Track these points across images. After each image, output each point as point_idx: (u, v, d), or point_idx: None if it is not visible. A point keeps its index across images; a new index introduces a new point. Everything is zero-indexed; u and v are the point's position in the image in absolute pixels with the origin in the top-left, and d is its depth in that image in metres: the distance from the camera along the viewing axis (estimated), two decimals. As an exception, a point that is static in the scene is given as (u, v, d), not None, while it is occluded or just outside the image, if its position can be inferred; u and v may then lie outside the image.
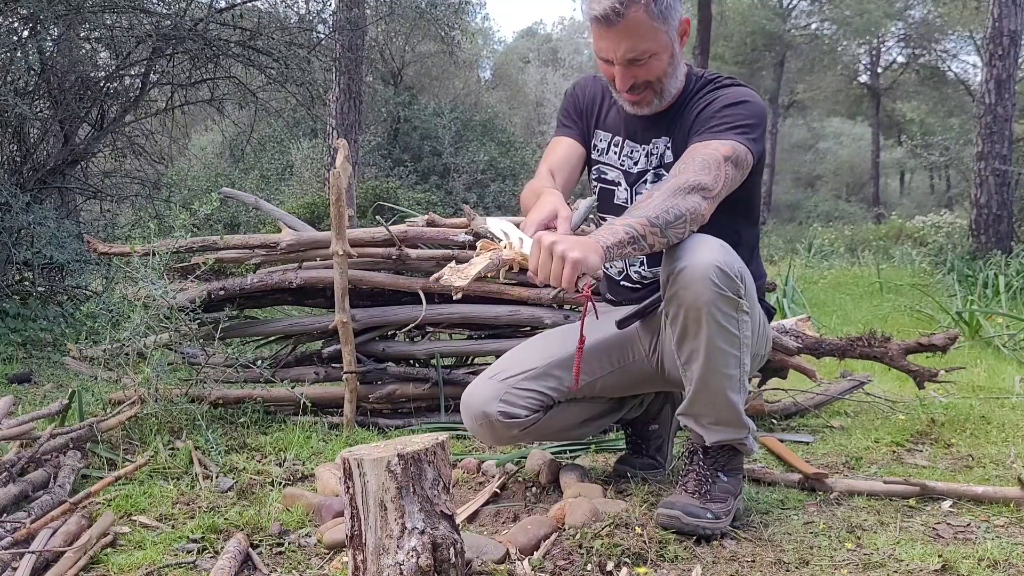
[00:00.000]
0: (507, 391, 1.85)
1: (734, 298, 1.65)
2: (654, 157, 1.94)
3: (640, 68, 1.79)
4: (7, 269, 4.61)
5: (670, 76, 1.84)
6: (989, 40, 9.82)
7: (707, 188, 1.69)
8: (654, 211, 1.63)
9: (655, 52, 1.77)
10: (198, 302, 2.71)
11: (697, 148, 1.76)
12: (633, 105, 1.87)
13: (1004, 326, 5.35)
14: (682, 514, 1.71)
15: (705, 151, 1.75)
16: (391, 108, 13.90)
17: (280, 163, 12.37)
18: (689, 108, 1.88)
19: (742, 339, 1.70)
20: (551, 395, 1.89)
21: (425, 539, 1.34)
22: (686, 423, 1.82)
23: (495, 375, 1.89)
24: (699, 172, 1.70)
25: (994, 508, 1.92)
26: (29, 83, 5.09)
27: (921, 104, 25.07)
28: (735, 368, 1.71)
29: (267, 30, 5.99)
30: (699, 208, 1.67)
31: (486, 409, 1.84)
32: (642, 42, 1.75)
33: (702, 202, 1.68)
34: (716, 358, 1.68)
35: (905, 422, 2.84)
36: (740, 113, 1.80)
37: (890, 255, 12.30)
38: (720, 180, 1.71)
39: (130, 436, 2.47)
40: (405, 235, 2.82)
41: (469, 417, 1.89)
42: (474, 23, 18.57)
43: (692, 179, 1.69)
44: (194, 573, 1.61)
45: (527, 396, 1.86)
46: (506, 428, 1.86)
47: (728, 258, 1.66)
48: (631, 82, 1.81)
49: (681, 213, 1.64)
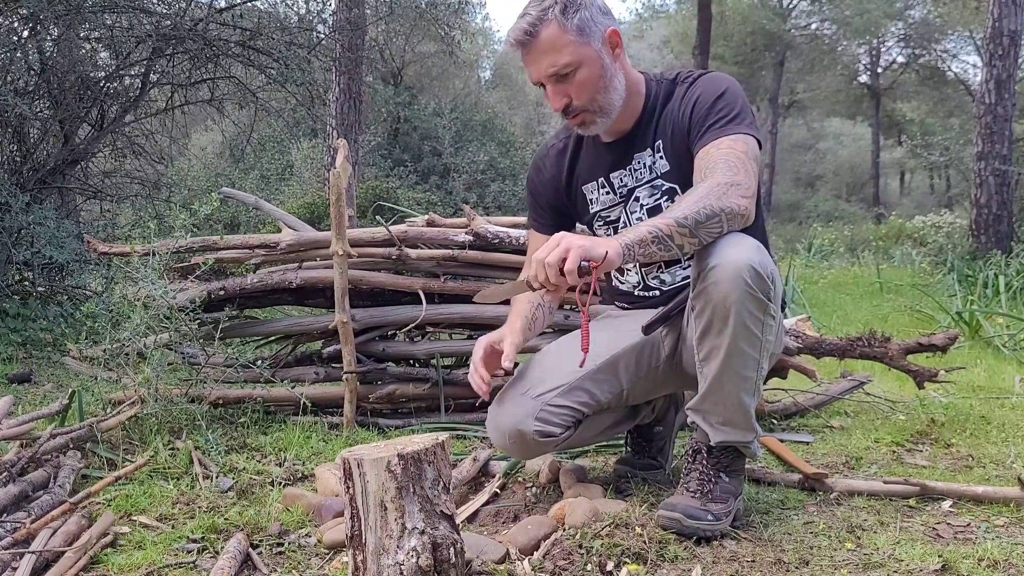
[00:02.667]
0: (542, 409, 1.83)
1: (763, 300, 1.64)
2: (643, 170, 1.91)
3: (569, 85, 1.77)
4: (7, 269, 4.60)
5: (605, 90, 1.80)
6: (989, 40, 9.82)
7: (742, 185, 1.65)
8: (682, 212, 1.59)
9: (578, 64, 1.75)
10: (198, 302, 2.71)
11: (710, 151, 1.73)
12: (580, 127, 1.85)
13: (1004, 326, 5.35)
14: (683, 516, 1.70)
15: (721, 151, 1.71)
16: (391, 108, 13.89)
17: (280, 163, 12.36)
18: (667, 114, 1.85)
19: (764, 342, 1.68)
20: (583, 410, 1.88)
21: (425, 539, 1.34)
22: (694, 419, 1.81)
23: (527, 392, 1.86)
24: (728, 171, 1.66)
25: (994, 508, 1.92)
26: (29, 83, 5.09)
27: (921, 104, 25.07)
28: (752, 371, 1.70)
29: (267, 30, 5.98)
30: (738, 206, 1.63)
31: (521, 428, 1.82)
32: (560, 56, 1.73)
33: (740, 199, 1.64)
34: (735, 359, 1.67)
35: (905, 422, 2.84)
36: (730, 103, 1.77)
37: (890, 255, 12.29)
38: (751, 175, 1.68)
39: (130, 436, 2.47)
40: (405, 235, 2.82)
41: (500, 434, 1.86)
42: (474, 23, 18.59)
43: (723, 178, 1.65)
44: (194, 573, 1.61)
45: (561, 413, 1.84)
46: (540, 446, 1.86)
47: (762, 258, 1.64)
48: (564, 102, 1.78)
49: (715, 212, 1.60)
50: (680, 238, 1.57)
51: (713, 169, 1.68)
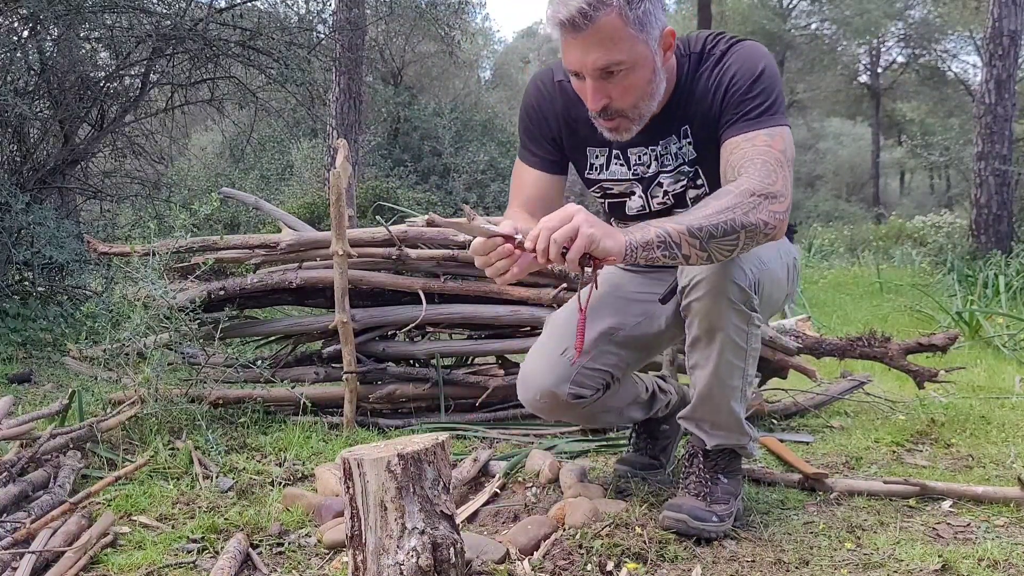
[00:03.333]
0: (578, 372, 1.81)
1: (747, 312, 1.66)
2: (668, 156, 1.76)
3: (614, 84, 1.59)
4: (7, 269, 4.60)
5: (650, 97, 1.64)
6: (989, 40, 9.83)
7: (777, 197, 1.52)
8: (698, 221, 1.47)
9: (631, 65, 1.57)
10: (198, 302, 2.71)
11: (742, 145, 1.59)
12: (611, 131, 1.68)
13: (1004, 326, 5.35)
14: (688, 517, 1.71)
15: (757, 149, 1.57)
16: (391, 108, 13.89)
17: (280, 163, 12.36)
18: (695, 95, 1.69)
19: (749, 351, 1.71)
20: (614, 372, 1.88)
21: (425, 539, 1.34)
22: (687, 426, 1.85)
23: (564, 352, 1.81)
24: (764, 177, 1.53)
25: (994, 508, 1.92)
26: (29, 83, 5.09)
27: (921, 104, 25.07)
28: (739, 380, 1.73)
29: (267, 30, 5.99)
30: (765, 223, 1.50)
31: (555, 390, 1.81)
32: (615, 51, 1.54)
33: (772, 215, 1.50)
34: (722, 370, 1.70)
35: (905, 422, 2.84)
36: (767, 88, 1.62)
37: (890, 255, 12.29)
38: (788, 183, 1.55)
39: (130, 436, 2.47)
40: (405, 235, 2.83)
41: (532, 391, 1.84)
42: (474, 23, 18.58)
43: (757, 186, 1.51)
44: (194, 573, 1.61)
45: (594, 376, 1.84)
46: (570, 408, 1.85)
47: (747, 269, 1.63)
48: (603, 102, 1.61)
49: (735, 228, 1.48)
50: (688, 248, 1.47)
51: (746, 169, 1.55)
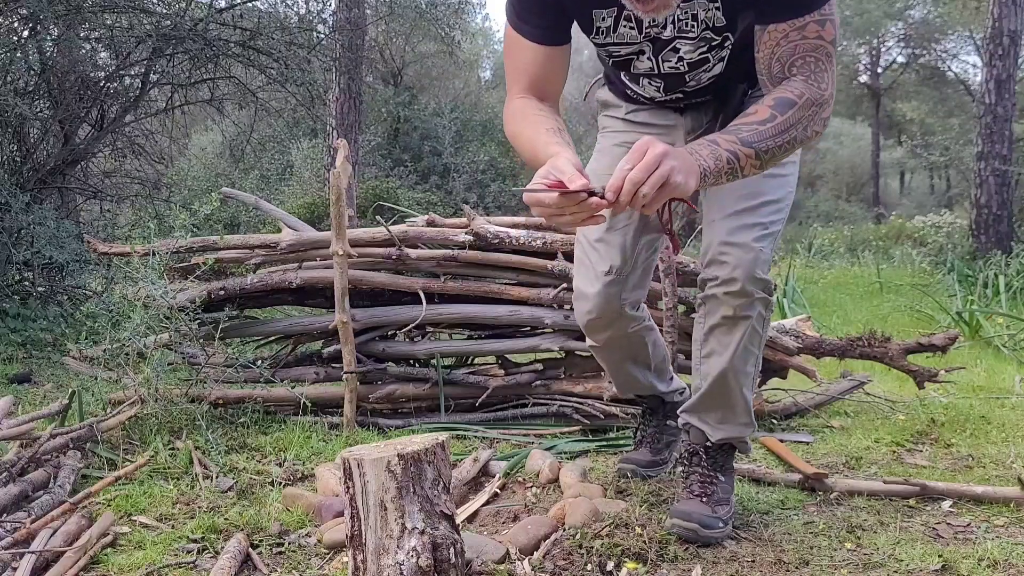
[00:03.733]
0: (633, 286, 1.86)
1: (768, 298, 1.68)
2: (689, 20, 1.56)
3: None
4: (7, 269, 4.60)
5: None
6: (989, 40, 9.82)
7: (828, 101, 1.48)
8: (765, 142, 1.43)
9: None
10: (198, 302, 2.71)
11: (790, 35, 1.47)
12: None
13: (1004, 326, 5.34)
14: (699, 527, 1.69)
15: (808, 42, 1.47)
16: (391, 108, 13.88)
17: (280, 163, 12.36)
18: None
19: (763, 337, 1.73)
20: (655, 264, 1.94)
21: (425, 539, 1.34)
22: (689, 421, 1.83)
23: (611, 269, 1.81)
24: (818, 79, 1.47)
25: (994, 508, 1.93)
26: (29, 83, 5.09)
27: (921, 104, 25.05)
28: (752, 366, 1.75)
29: (267, 30, 5.99)
30: (819, 132, 1.49)
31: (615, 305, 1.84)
32: None
33: (824, 122, 1.48)
34: (740, 357, 1.71)
35: (905, 422, 2.84)
36: None
37: (890, 255, 12.28)
38: (834, 78, 1.50)
39: (130, 436, 2.47)
40: (405, 235, 2.83)
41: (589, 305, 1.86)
42: (474, 23, 18.54)
43: (815, 93, 1.46)
44: (194, 573, 1.61)
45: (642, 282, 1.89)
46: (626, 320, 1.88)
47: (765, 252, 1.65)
48: None
49: (795, 144, 1.46)
50: (749, 168, 1.44)
51: (798, 68, 1.48)
